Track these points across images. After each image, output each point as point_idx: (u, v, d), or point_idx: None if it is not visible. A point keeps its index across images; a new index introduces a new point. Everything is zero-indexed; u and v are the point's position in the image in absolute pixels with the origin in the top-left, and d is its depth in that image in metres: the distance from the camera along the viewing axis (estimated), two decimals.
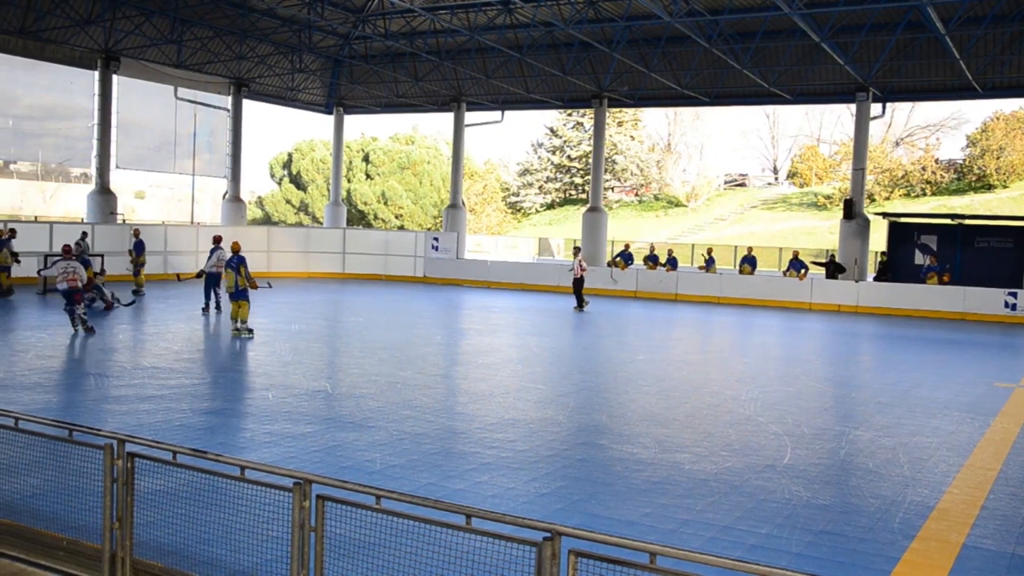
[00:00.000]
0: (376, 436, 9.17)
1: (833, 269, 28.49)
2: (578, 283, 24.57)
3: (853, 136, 31.20)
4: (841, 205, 32.57)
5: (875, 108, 30.50)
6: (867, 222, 29.93)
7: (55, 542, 5.63)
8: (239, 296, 16.83)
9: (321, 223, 52.20)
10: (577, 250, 26.73)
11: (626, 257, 30.48)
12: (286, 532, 4.72)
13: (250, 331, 16.84)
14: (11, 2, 26.31)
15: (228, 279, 17.10)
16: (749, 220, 61.18)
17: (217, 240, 20.26)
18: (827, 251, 31.30)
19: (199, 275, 20.50)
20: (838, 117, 65.29)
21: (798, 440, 9.69)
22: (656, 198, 67.90)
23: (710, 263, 28.81)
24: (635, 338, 19.65)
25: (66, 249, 17.44)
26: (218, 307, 19.96)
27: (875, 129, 46.64)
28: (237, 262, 17.05)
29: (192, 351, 15.58)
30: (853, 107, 31.52)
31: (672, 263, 29.32)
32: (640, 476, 8.10)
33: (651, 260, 30.71)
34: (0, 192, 52.08)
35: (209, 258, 19.97)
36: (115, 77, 30.59)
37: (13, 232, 23.07)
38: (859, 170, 29.93)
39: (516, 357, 15.57)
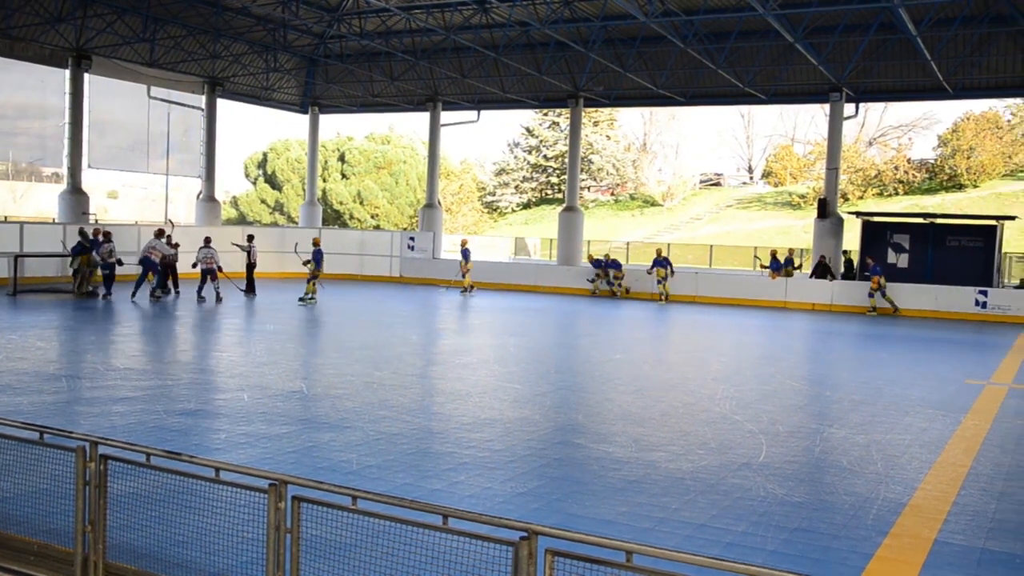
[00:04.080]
0: (352, 436, 9.13)
1: (822, 271, 28.60)
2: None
3: (827, 136, 31.47)
4: (815, 204, 32.83)
5: (848, 108, 30.78)
6: (841, 221, 30.20)
7: (25, 546, 5.56)
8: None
9: (296, 223, 51.94)
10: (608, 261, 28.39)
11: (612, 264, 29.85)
12: (262, 534, 4.68)
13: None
14: None
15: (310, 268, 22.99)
16: (724, 219, 61.55)
17: (208, 240, 23.28)
18: (800, 250, 31.50)
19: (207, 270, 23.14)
20: (812, 117, 65.95)
21: (773, 438, 9.75)
22: (632, 197, 68.16)
23: (662, 264, 27.80)
24: (611, 337, 19.70)
25: (159, 232, 23.20)
26: (217, 298, 22.72)
27: (848, 129, 47.05)
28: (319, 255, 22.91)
29: (166, 351, 15.46)
30: (827, 107, 31.78)
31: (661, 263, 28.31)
32: (617, 475, 8.12)
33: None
34: None
35: (197, 254, 22.95)
36: (87, 76, 30.25)
37: (108, 235, 23.25)
38: (833, 170, 30.18)
39: (493, 357, 15.56)
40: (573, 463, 8.53)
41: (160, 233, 23.75)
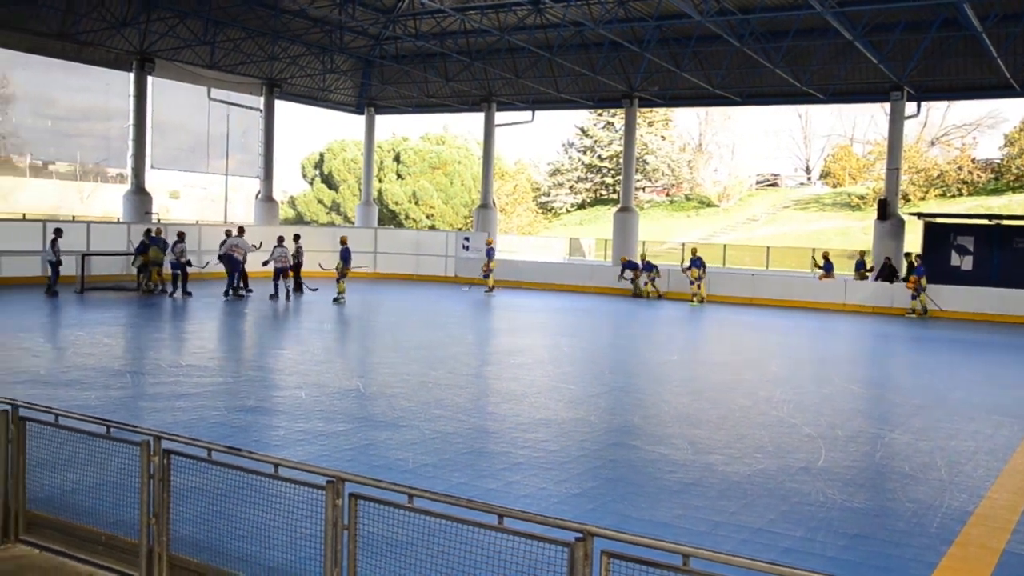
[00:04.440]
0: (408, 435, 9.19)
1: (888, 273, 27.94)
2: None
3: (887, 136, 30.83)
4: (875, 205, 32.16)
5: (910, 107, 30.10)
6: (902, 222, 29.56)
7: (94, 536, 5.70)
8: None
9: (352, 222, 52.51)
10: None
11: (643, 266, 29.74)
12: (319, 530, 4.73)
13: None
14: (51, 5, 26.71)
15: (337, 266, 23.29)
16: (781, 220, 60.70)
17: (281, 240, 23.76)
18: (860, 252, 30.87)
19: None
20: (872, 116, 64.53)
21: (832, 443, 9.58)
22: (687, 198, 67.57)
23: (697, 263, 27.37)
24: (667, 339, 19.56)
25: (233, 231, 23.94)
26: (287, 296, 23.54)
27: (910, 128, 45.99)
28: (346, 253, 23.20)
29: (227, 349, 15.74)
30: (887, 106, 31.15)
31: (696, 263, 28.14)
32: (672, 477, 8.05)
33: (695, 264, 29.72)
34: (39, 192, 52.95)
35: (272, 253, 23.48)
36: (150, 78, 30.90)
37: (181, 236, 23.82)
38: (893, 170, 29.57)
39: (547, 357, 15.55)
40: (628, 465, 8.48)
41: (241, 231, 24.29)
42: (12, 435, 5.92)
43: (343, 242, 23.88)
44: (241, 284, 23.57)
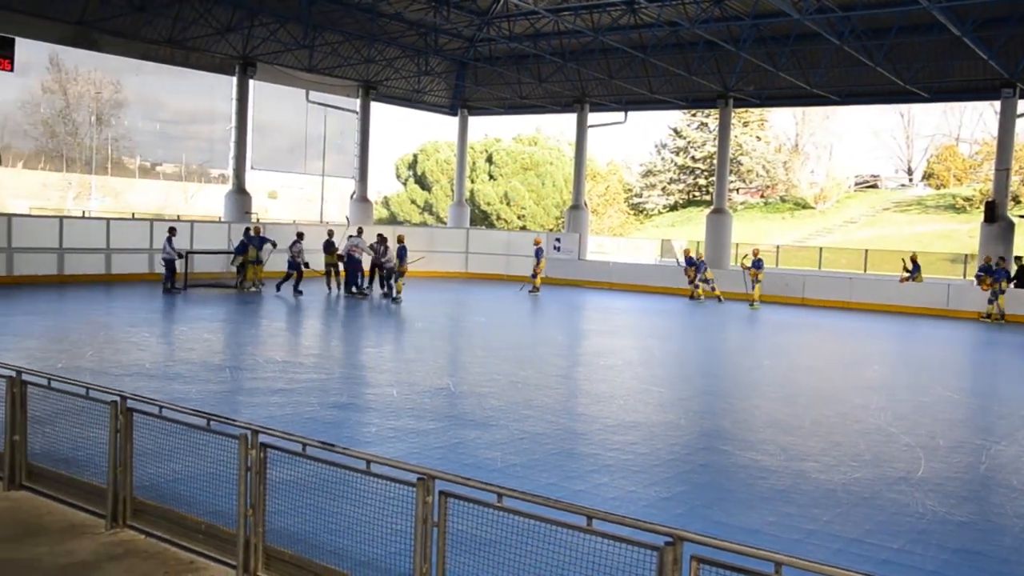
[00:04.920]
0: (497, 434, 9.24)
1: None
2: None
3: (996, 135, 29.56)
4: (982, 207, 30.89)
5: (1021, 105, 28.79)
6: (1011, 225, 28.30)
7: (194, 525, 5.90)
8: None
9: (445, 223, 53.06)
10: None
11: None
12: (409, 526, 4.79)
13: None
14: (162, 14, 27.79)
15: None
16: (881, 222, 58.82)
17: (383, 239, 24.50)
18: (965, 255, 29.70)
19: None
20: (980, 115, 62.10)
21: (932, 453, 9.24)
22: (783, 200, 66.08)
23: (759, 265, 26.64)
24: (758, 342, 19.18)
25: (352, 231, 24.95)
26: (385, 294, 24.09)
27: (1021, 127, 43.96)
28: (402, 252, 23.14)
29: (320, 347, 16.10)
30: (997, 104, 29.84)
31: (757, 264, 27.38)
32: (764, 484, 7.89)
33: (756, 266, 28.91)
34: (146, 192, 55.17)
35: (385, 254, 24.06)
36: (251, 82, 31.84)
37: (300, 235, 24.45)
38: (1003, 170, 28.33)
39: (637, 359, 15.45)
40: (719, 470, 8.35)
41: (360, 231, 24.82)
42: (120, 425, 6.18)
43: (400, 240, 24.04)
44: (362, 283, 24.24)
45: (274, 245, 24.41)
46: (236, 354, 14.28)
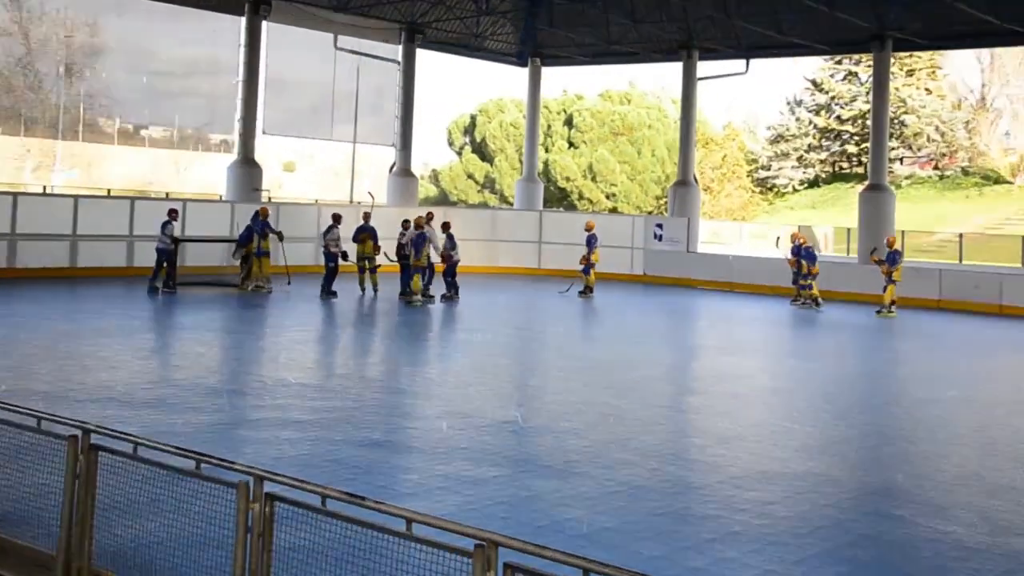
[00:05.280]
0: (582, 486, 9.10)
1: None
2: None
3: None
4: None
5: None
6: None
7: None
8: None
9: (511, 203, 53.13)
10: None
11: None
12: None
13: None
14: None
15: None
16: None
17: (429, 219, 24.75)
18: None
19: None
20: None
21: None
22: (965, 172, 65.08)
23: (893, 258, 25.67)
24: (939, 366, 18.64)
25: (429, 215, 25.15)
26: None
27: None
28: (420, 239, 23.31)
29: (348, 364, 16.04)
30: None
31: (892, 259, 26.35)
32: (963, 567, 7.56)
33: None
34: (130, 163, 56.21)
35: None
36: (264, 24, 32.10)
37: (337, 218, 24.88)
38: None
39: (771, 386, 15.33)
40: (892, 544, 8.06)
41: (430, 216, 25.00)
42: (81, 468, 6.07)
43: (445, 228, 24.55)
44: (427, 282, 24.44)
45: (281, 237, 24.34)
46: (237, 374, 14.32)
